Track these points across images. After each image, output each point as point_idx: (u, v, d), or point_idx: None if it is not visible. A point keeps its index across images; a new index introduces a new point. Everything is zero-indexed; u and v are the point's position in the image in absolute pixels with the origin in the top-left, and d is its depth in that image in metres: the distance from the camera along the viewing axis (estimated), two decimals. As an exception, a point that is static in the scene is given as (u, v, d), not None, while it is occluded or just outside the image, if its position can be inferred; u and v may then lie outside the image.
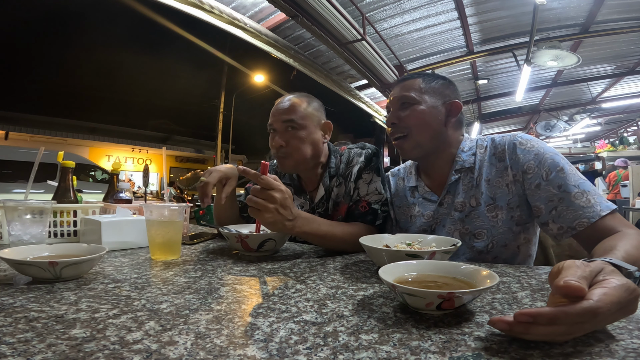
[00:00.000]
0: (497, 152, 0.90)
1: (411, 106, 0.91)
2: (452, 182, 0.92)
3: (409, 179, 1.04)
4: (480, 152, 0.92)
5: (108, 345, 0.35)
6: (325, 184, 1.05)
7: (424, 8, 4.19)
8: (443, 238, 0.78)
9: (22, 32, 8.93)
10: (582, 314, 0.34)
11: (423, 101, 0.91)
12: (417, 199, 0.99)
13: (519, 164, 0.85)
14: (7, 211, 0.77)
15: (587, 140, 11.50)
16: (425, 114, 0.90)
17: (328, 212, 1.05)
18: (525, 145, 0.86)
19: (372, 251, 0.68)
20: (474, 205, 0.89)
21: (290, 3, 2.88)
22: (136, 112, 12.69)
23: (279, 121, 1.01)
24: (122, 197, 1.21)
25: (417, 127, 0.91)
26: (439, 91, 0.93)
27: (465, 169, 0.91)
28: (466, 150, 0.93)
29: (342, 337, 0.38)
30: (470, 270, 0.52)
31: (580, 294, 0.35)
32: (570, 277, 0.36)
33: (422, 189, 0.99)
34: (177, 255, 0.79)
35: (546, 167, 0.81)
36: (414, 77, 0.95)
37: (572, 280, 0.36)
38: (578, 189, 0.77)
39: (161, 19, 4.84)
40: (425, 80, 0.94)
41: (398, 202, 1.05)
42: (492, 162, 0.90)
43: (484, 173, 0.89)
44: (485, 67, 6.08)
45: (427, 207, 0.96)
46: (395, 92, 0.96)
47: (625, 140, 5.22)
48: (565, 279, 0.36)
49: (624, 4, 4.11)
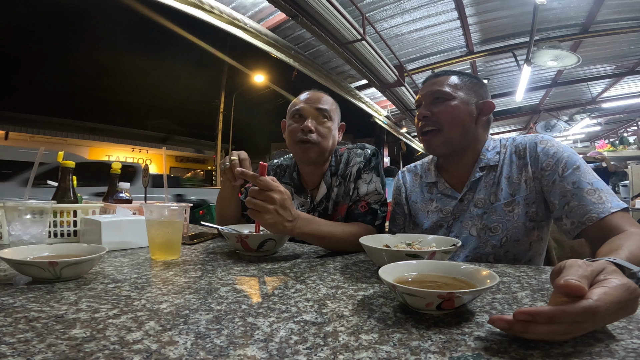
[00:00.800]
0: (517, 150, 0.93)
1: (445, 101, 0.91)
2: (475, 180, 0.94)
3: (427, 175, 1.05)
4: (503, 152, 0.95)
5: (108, 345, 0.35)
6: (327, 182, 1.07)
7: (424, 8, 4.18)
8: (443, 238, 0.78)
9: (23, 32, 8.94)
10: (581, 313, 0.34)
11: (458, 97, 0.91)
12: (436, 195, 1.01)
13: (539, 162, 0.88)
14: (7, 211, 0.77)
15: (587, 140, 11.49)
16: (459, 109, 0.91)
17: (328, 212, 1.05)
18: (545, 144, 0.89)
19: (372, 251, 0.68)
20: (493, 201, 0.91)
21: (290, 3, 2.88)
22: (136, 112, 12.69)
23: (313, 108, 1.03)
24: (122, 197, 1.21)
25: (449, 123, 0.91)
26: (473, 89, 0.94)
27: (488, 167, 0.93)
28: (491, 150, 0.95)
29: (342, 337, 0.38)
30: (470, 270, 0.52)
31: (580, 294, 0.35)
32: (570, 277, 0.36)
33: (441, 185, 1.00)
34: (177, 255, 0.79)
35: (563, 164, 0.83)
36: (449, 73, 0.96)
37: (573, 280, 0.36)
38: (591, 186, 0.79)
39: (161, 19, 4.84)
40: (460, 78, 0.95)
41: (414, 197, 1.06)
42: (513, 160, 0.92)
43: (505, 171, 0.92)
44: (485, 67, 6.07)
45: (446, 203, 0.98)
46: (427, 86, 0.96)
47: (625, 140, 5.20)
48: (566, 277, 0.36)
49: (624, 4, 4.11)
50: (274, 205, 0.74)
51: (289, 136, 1.05)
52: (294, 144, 1.04)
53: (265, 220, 0.74)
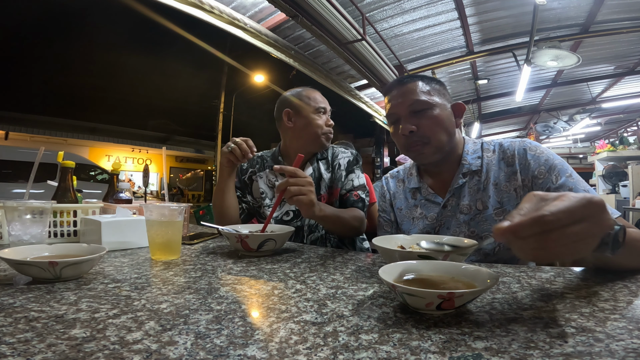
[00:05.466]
0: (505, 156, 0.90)
1: (426, 111, 0.89)
2: (458, 186, 0.92)
3: (410, 180, 1.04)
4: (487, 156, 0.92)
5: (108, 345, 0.35)
6: (313, 165, 1.23)
7: (424, 8, 4.18)
8: (459, 239, 0.76)
9: (23, 32, 8.93)
10: (531, 224, 0.38)
11: (436, 104, 0.89)
12: (420, 201, 0.99)
13: (530, 170, 0.85)
14: (7, 211, 0.77)
15: (587, 140, 11.49)
16: (442, 117, 0.89)
17: (320, 192, 1.20)
18: (535, 151, 0.87)
19: (385, 252, 0.68)
20: (480, 208, 0.89)
21: (290, 3, 2.88)
22: (136, 112, 12.68)
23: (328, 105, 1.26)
24: (122, 197, 1.21)
25: (436, 133, 0.89)
26: (442, 92, 0.93)
27: (471, 172, 0.91)
28: (471, 153, 0.93)
29: (342, 337, 0.38)
30: (470, 270, 0.52)
31: (504, 235, 0.39)
32: (507, 220, 0.40)
33: (425, 191, 0.98)
34: (177, 255, 0.79)
35: (556, 172, 0.82)
36: (414, 79, 0.92)
37: (499, 226, 0.40)
38: (588, 193, 0.78)
39: (161, 19, 4.83)
40: (428, 82, 0.92)
41: (399, 204, 1.05)
42: (501, 167, 0.90)
43: (491, 177, 0.89)
44: (485, 67, 6.08)
45: (430, 209, 0.96)
46: (398, 97, 0.92)
47: (625, 140, 5.20)
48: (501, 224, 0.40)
49: (624, 4, 4.11)
50: (311, 187, 0.87)
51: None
52: (323, 134, 1.21)
53: (308, 199, 0.86)
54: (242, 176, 1.28)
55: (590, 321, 0.41)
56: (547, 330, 0.39)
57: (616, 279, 0.58)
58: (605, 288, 0.54)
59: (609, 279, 0.58)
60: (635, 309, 0.46)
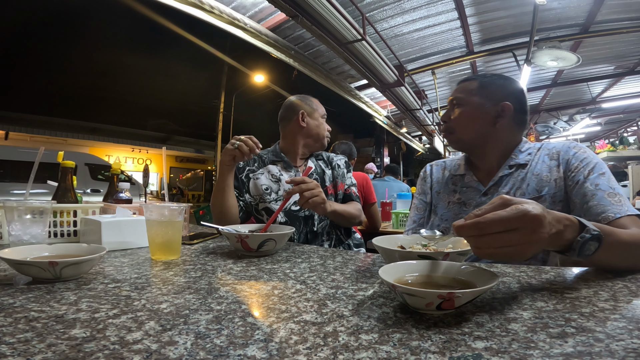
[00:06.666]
0: (551, 153, 0.97)
1: (460, 107, 1.01)
2: (503, 175, 0.98)
3: (456, 169, 1.11)
4: (537, 153, 0.99)
5: (108, 345, 0.35)
6: (313, 162, 1.38)
7: (424, 8, 4.18)
8: (458, 239, 0.75)
9: (22, 32, 8.93)
10: (471, 227, 0.47)
11: (471, 102, 0.99)
12: (460, 187, 1.06)
13: (570, 163, 0.92)
14: (7, 211, 0.77)
15: (587, 140, 11.48)
16: (470, 114, 0.99)
17: (325, 185, 1.33)
18: (578, 149, 0.94)
19: (385, 252, 0.68)
20: (517, 195, 0.92)
21: (290, 3, 2.88)
22: (136, 112, 12.66)
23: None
24: (122, 197, 1.21)
25: (460, 126, 1.01)
26: (492, 93, 0.99)
27: (518, 165, 0.98)
28: (524, 151, 1.00)
29: (342, 337, 0.38)
30: (470, 270, 0.52)
31: (459, 232, 0.48)
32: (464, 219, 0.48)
33: (469, 178, 1.05)
34: (177, 255, 0.79)
35: (590, 168, 0.88)
36: (473, 78, 1.03)
37: (455, 223, 0.49)
38: (613, 190, 0.82)
39: (161, 19, 4.84)
40: (481, 82, 1.01)
41: (437, 187, 1.12)
42: (545, 161, 0.97)
43: (534, 169, 0.96)
44: (486, 67, 6.07)
45: (470, 195, 1.02)
46: (453, 92, 1.06)
47: (625, 140, 5.20)
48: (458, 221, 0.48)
49: (624, 4, 4.11)
50: (320, 189, 1.02)
51: None
52: (324, 139, 1.41)
53: (321, 198, 1.02)
54: (240, 175, 1.30)
55: (590, 321, 0.41)
56: (547, 330, 0.39)
57: (616, 279, 0.58)
58: (605, 288, 0.54)
59: (609, 279, 0.58)
60: (635, 309, 0.46)
